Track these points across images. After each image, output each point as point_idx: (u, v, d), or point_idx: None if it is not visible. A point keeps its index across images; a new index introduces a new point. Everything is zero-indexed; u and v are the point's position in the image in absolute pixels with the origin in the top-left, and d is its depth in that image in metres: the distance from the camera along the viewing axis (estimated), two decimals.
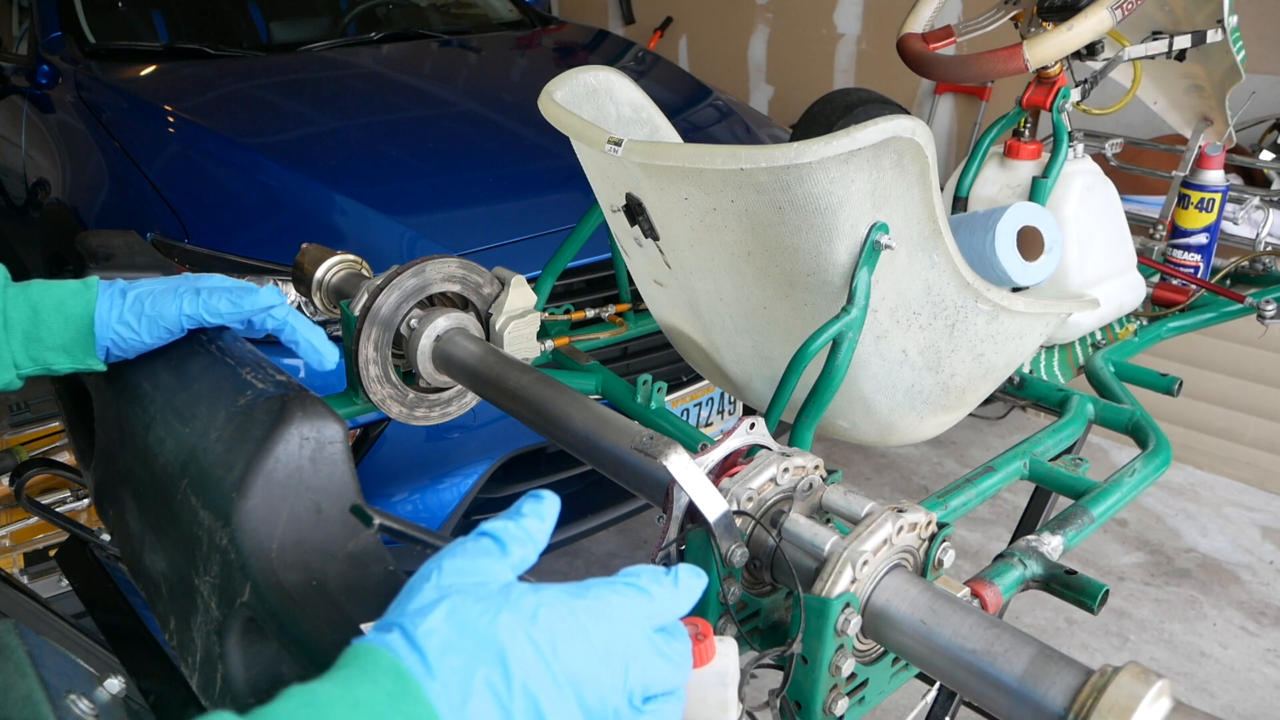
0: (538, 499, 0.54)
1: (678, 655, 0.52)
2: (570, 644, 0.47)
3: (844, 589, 0.64)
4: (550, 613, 0.48)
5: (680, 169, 0.87)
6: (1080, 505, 0.96)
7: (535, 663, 0.46)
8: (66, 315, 0.78)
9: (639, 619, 0.50)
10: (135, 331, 0.78)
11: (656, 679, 0.50)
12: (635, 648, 0.49)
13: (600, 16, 5.36)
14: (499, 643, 0.45)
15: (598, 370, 1.28)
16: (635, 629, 0.50)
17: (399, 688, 0.43)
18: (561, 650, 0.47)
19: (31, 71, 2.73)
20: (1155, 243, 1.68)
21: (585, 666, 0.47)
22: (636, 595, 0.51)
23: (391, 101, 2.68)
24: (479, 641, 0.45)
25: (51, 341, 0.78)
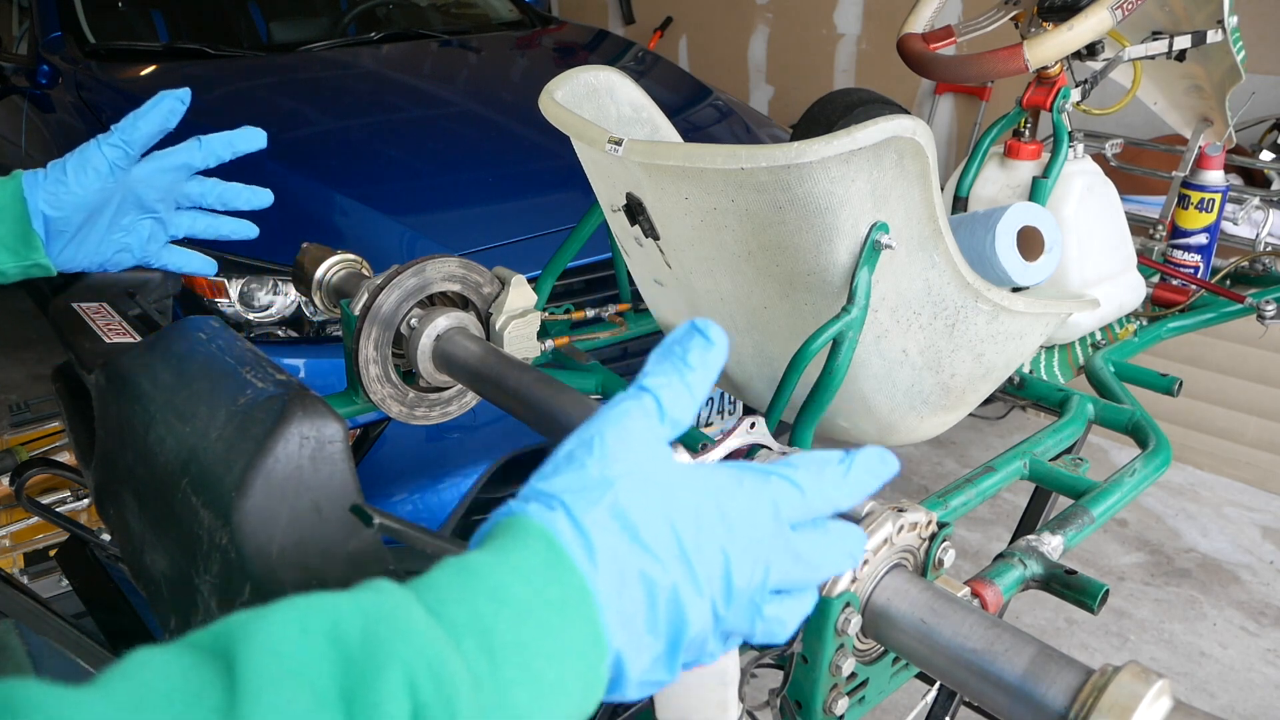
0: (707, 344, 0.50)
1: (817, 554, 0.50)
2: (733, 542, 0.46)
3: (844, 588, 0.64)
4: (717, 501, 0.46)
5: (680, 168, 0.87)
6: (1080, 505, 0.96)
7: (693, 554, 0.45)
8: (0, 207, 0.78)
9: (780, 518, 0.48)
10: (64, 184, 0.79)
11: (790, 578, 0.49)
12: (774, 548, 0.48)
13: (600, 16, 5.36)
14: (661, 531, 0.44)
15: (598, 370, 1.28)
16: (774, 527, 0.48)
17: (553, 556, 0.42)
18: (708, 557, 0.45)
19: (31, 71, 2.73)
20: (1155, 243, 1.68)
21: (742, 568, 0.46)
22: (804, 485, 0.49)
23: (391, 101, 2.69)
24: (641, 523, 0.44)
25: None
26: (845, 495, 0.51)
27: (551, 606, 0.41)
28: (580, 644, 0.41)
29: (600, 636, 0.42)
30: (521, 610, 0.40)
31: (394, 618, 0.36)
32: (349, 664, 0.35)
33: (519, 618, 0.40)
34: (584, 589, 0.42)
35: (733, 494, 0.47)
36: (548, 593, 0.41)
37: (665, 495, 0.46)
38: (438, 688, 0.35)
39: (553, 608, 0.41)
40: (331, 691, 0.34)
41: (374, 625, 0.36)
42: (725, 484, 0.48)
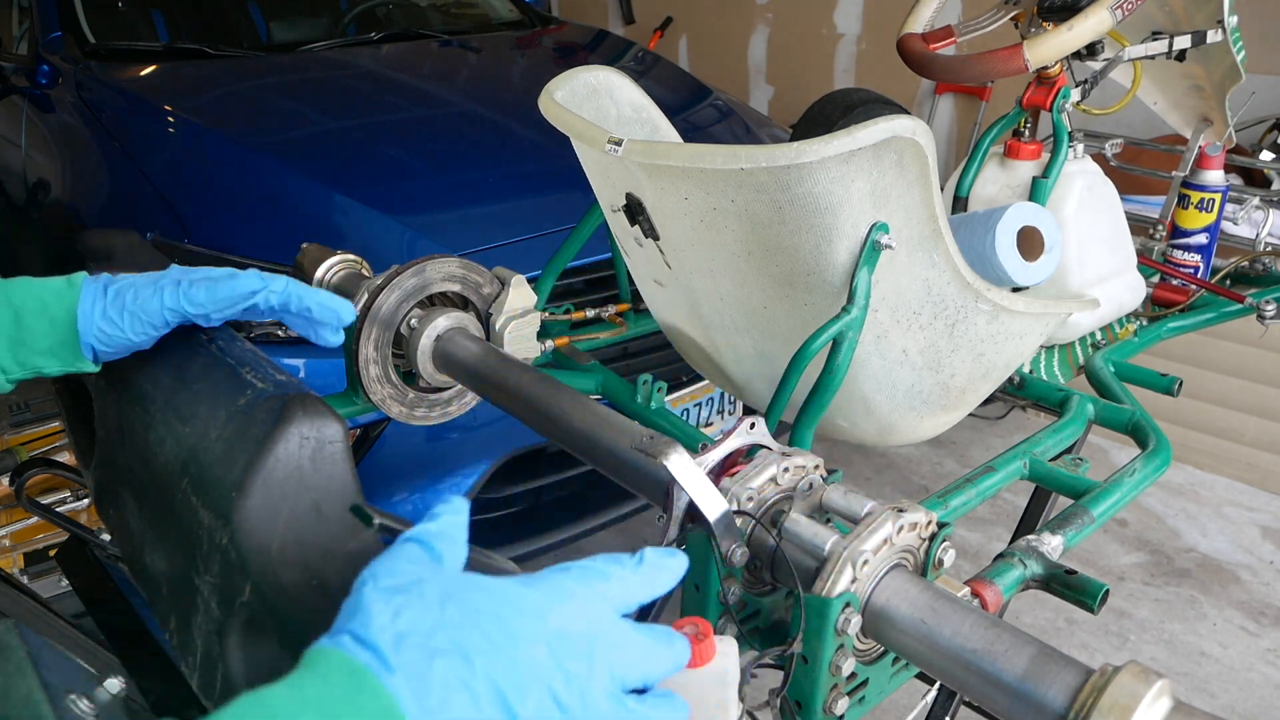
0: (446, 500, 0.53)
1: (651, 638, 0.50)
2: (526, 629, 0.46)
3: (844, 588, 0.64)
4: (499, 602, 0.46)
5: (680, 169, 0.87)
6: (1080, 505, 0.96)
7: (492, 650, 0.44)
8: (50, 318, 0.75)
9: (596, 602, 0.49)
10: (119, 328, 0.76)
11: (631, 663, 0.49)
12: (598, 630, 0.48)
13: (600, 16, 5.36)
14: (453, 633, 0.44)
15: (598, 370, 1.28)
16: (594, 611, 0.48)
17: (354, 682, 0.42)
18: (520, 637, 0.45)
19: (31, 71, 2.73)
20: (1155, 243, 1.68)
21: (546, 653, 0.46)
22: (593, 578, 0.50)
23: (391, 101, 2.68)
24: (431, 633, 0.44)
25: (37, 346, 0.75)
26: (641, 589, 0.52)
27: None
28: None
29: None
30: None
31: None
32: None
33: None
34: (391, 708, 0.42)
35: (537, 590, 0.48)
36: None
37: (456, 598, 0.47)
38: None
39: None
40: None
41: None
42: (525, 581, 0.49)
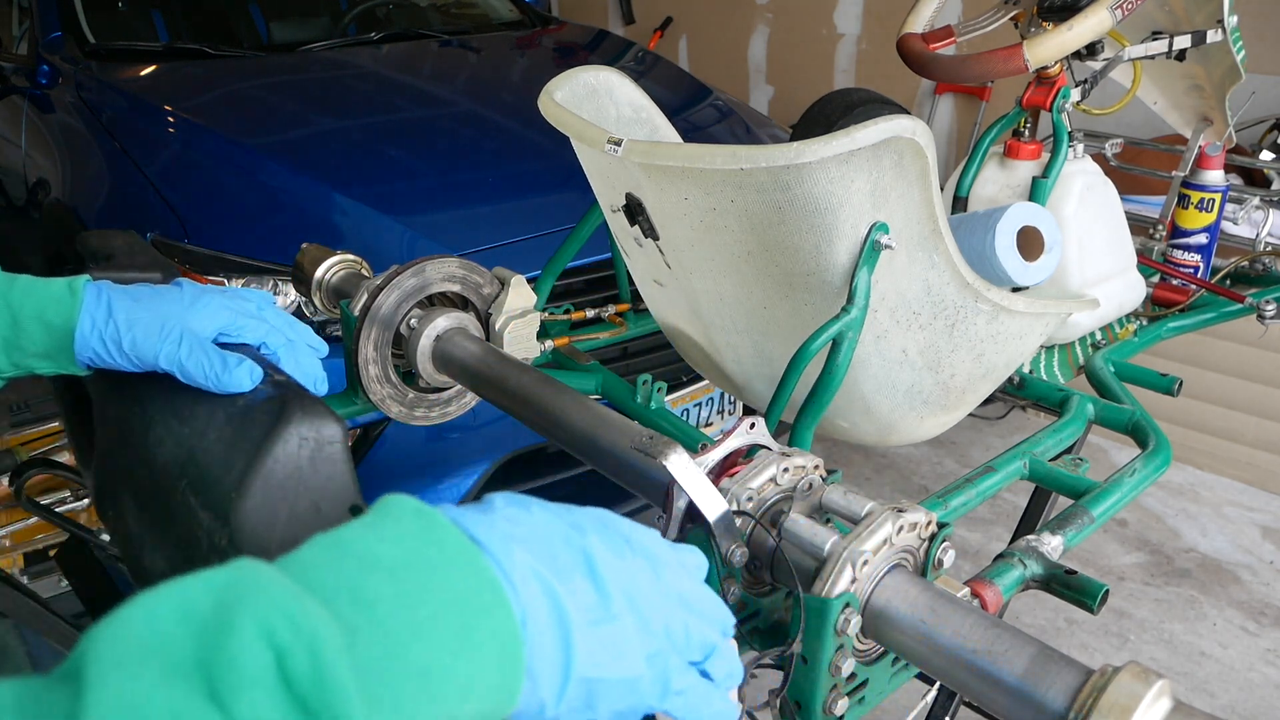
0: None
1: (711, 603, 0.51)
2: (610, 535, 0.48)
3: (844, 589, 0.64)
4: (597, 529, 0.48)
5: (680, 169, 0.87)
6: (1080, 505, 0.95)
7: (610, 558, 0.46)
8: (47, 324, 0.74)
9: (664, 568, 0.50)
10: (112, 358, 0.75)
11: (697, 626, 0.49)
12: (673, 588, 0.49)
13: (600, 16, 5.36)
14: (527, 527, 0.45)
15: (598, 370, 1.28)
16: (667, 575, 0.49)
17: (424, 521, 0.42)
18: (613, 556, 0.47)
19: (31, 71, 2.73)
20: (1155, 243, 1.68)
21: (647, 569, 0.48)
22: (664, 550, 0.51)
23: (391, 101, 2.69)
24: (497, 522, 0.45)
25: (31, 349, 0.75)
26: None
27: (431, 566, 0.40)
28: (473, 598, 0.40)
29: (497, 587, 0.41)
30: (395, 570, 0.39)
31: (245, 584, 0.35)
32: (202, 633, 0.33)
33: (394, 577, 0.39)
34: (466, 545, 0.42)
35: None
36: (425, 553, 0.40)
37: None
38: (297, 633, 0.34)
39: (433, 567, 0.40)
40: (187, 662, 0.33)
41: (225, 594, 0.35)
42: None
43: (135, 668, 0.32)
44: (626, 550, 0.48)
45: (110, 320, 0.74)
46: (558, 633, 0.42)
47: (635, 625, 0.45)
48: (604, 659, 0.44)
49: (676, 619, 0.48)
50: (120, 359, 0.75)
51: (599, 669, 0.43)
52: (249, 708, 0.32)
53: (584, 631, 0.43)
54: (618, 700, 0.45)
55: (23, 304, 0.74)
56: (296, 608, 0.35)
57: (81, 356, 0.75)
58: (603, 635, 0.44)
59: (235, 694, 0.32)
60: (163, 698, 0.31)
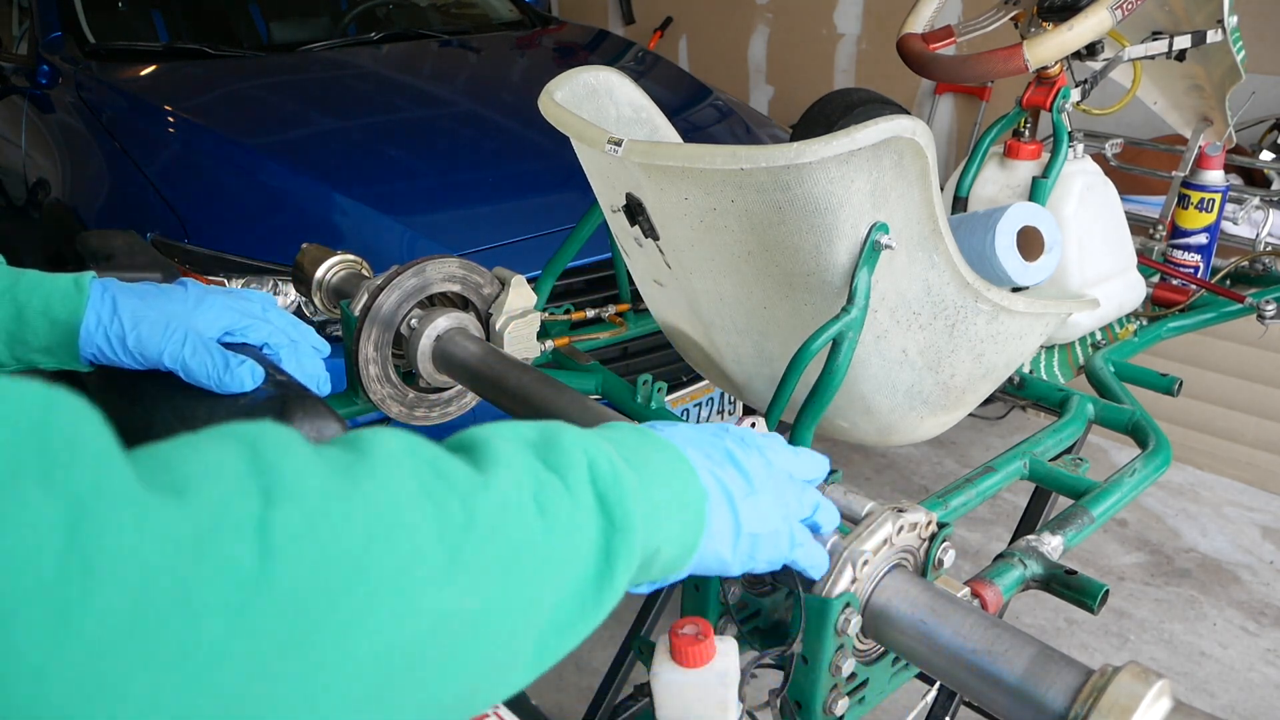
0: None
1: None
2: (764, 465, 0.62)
3: (844, 589, 0.64)
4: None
5: (680, 169, 0.87)
6: (1080, 505, 0.96)
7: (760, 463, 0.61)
8: (52, 319, 0.75)
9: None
10: (116, 356, 0.76)
11: (804, 492, 0.65)
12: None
13: (600, 16, 5.35)
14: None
15: (598, 370, 1.28)
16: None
17: (644, 432, 0.57)
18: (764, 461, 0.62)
19: (31, 71, 2.73)
20: (1155, 243, 1.68)
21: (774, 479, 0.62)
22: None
23: (391, 101, 2.69)
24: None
25: (36, 343, 0.75)
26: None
27: (656, 445, 0.56)
28: (680, 475, 0.55)
29: (692, 471, 0.56)
30: (638, 449, 0.54)
31: (556, 424, 0.51)
32: (539, 443, 0.48)
33: (638, 449, 0.54)
34: (669, 444, 0.57)
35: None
36: (650, 446, 0.55)
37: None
38: (600, 450, 0.49)
39: (657, 446, 0.56)
40: (534, 456, 0.47)
41: (544, 428, 0.50)
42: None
43: (511, 445, 0.47)
44: (749, 446, 0.62)
45: (115, 317, 0.75)
46: (727, 503, 0.57)
47: (771, 497, 0.60)
48: (757, 520, 0.59)
49: (791, 491, 0.62)
50: (124, 356, 0.75)
51: (755, 526, 0.58)
52: (575, 482, 0.47)
53: (742, 502, 0.58)
54: (768, 550, 0.60)
55: (28, 299, 0.75)
56: (598, 441, 0.50)
57: (85, 352, 0.76)
58: (752, 504, 0.59)
59: (566, 471, 0.47)
60: (530, 463, 0.46)
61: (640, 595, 1.72)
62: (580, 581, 0.46)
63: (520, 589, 0.43)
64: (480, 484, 0.43)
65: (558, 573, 0.45)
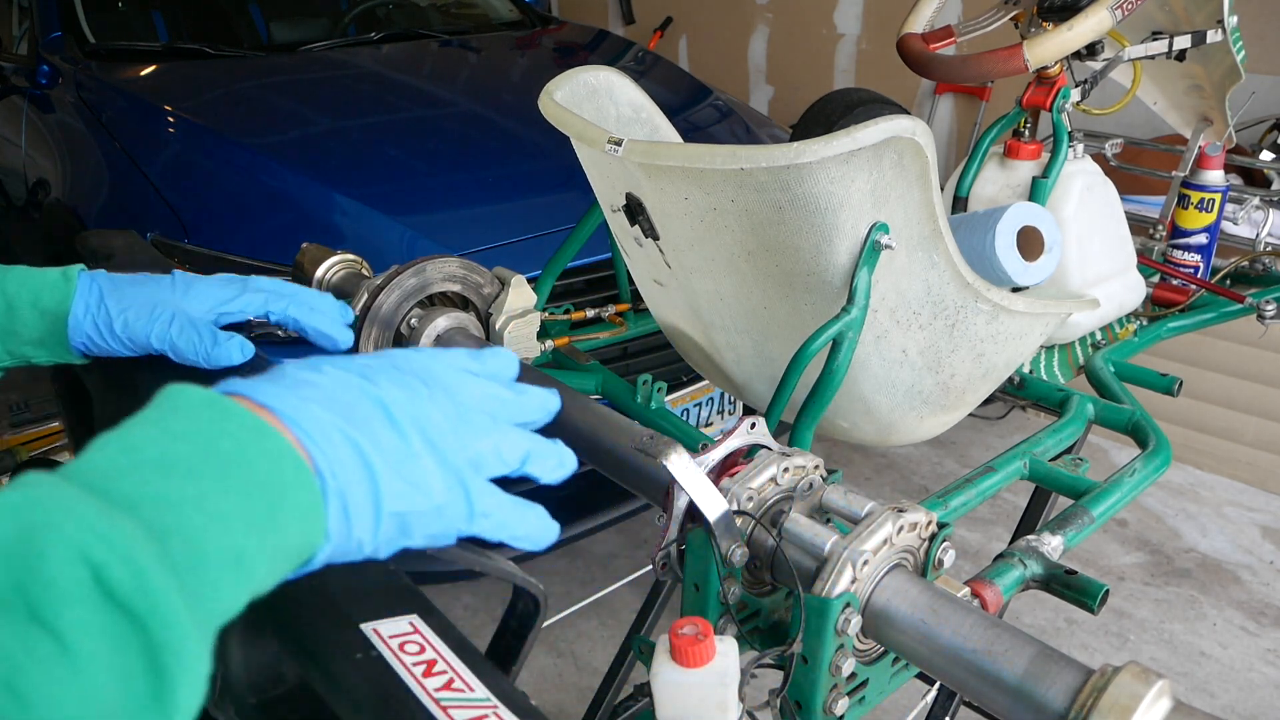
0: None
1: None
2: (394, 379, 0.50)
3: (844, 589, 0.64)
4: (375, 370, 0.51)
5: (680, 169, 0.87)
6: (1080, 505, 0.96)
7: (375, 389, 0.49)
8: (41, 310, 0.75)
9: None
10: (107, 344, 0.76)
11: (506, 440, 0.52)
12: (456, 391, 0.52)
13: (600, 16, 5.35)
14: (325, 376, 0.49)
15: (598, 370, 1.28)
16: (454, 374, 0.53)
17: (217, 411, 0.44)
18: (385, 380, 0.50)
19: (31, 71, 2.73)
20: (1155, 243, 1.68)
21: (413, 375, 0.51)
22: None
23: (392, 101, 2.68)
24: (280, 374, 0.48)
25: (27, 336, 0.76)
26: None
27: (228, 458, 0.42)
28: (273, 478, 0.43)
29: (295, 459, 0.44)
30: (194, 468, 0.40)
31: (43, 503, 0.36)
32: (10, 561, 0.34)
33: (194, 475, 0.40)
34: (259, 428, 0.43)
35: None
36: (220, 446, 0.42)
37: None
38: (110, 546, 0.35)
39: (230, 459, 0.42)
40: (3, 591, 0.33)
41: (25, 517, 0.35)
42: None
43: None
44: (421, 388, 0.50)
45: (102, 305, 0.76)
46: (365, 478, 0.46)
47: (434, 460, 0.49)
48: (409, 494, 0.47)
49: (483, 443, 0.51)
50: (113, 342, 0.76)
51: (406, 503, 0.47)
52: (75, 624, 0.33)
53: (388, 473, 0.47)
54: (427, 527, 0.49)
55: (18, 292, 0.75)
56: (104, 522, 0.35)
57: (75, 341, 0.76)
58: (405, 474, 0.47)
59: (59, 613, 0.33)
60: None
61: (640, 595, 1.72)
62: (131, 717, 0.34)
63: None
64: None
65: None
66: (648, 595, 1.63)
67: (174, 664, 0.35)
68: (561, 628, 2.28)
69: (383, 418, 0.48)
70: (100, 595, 0.34)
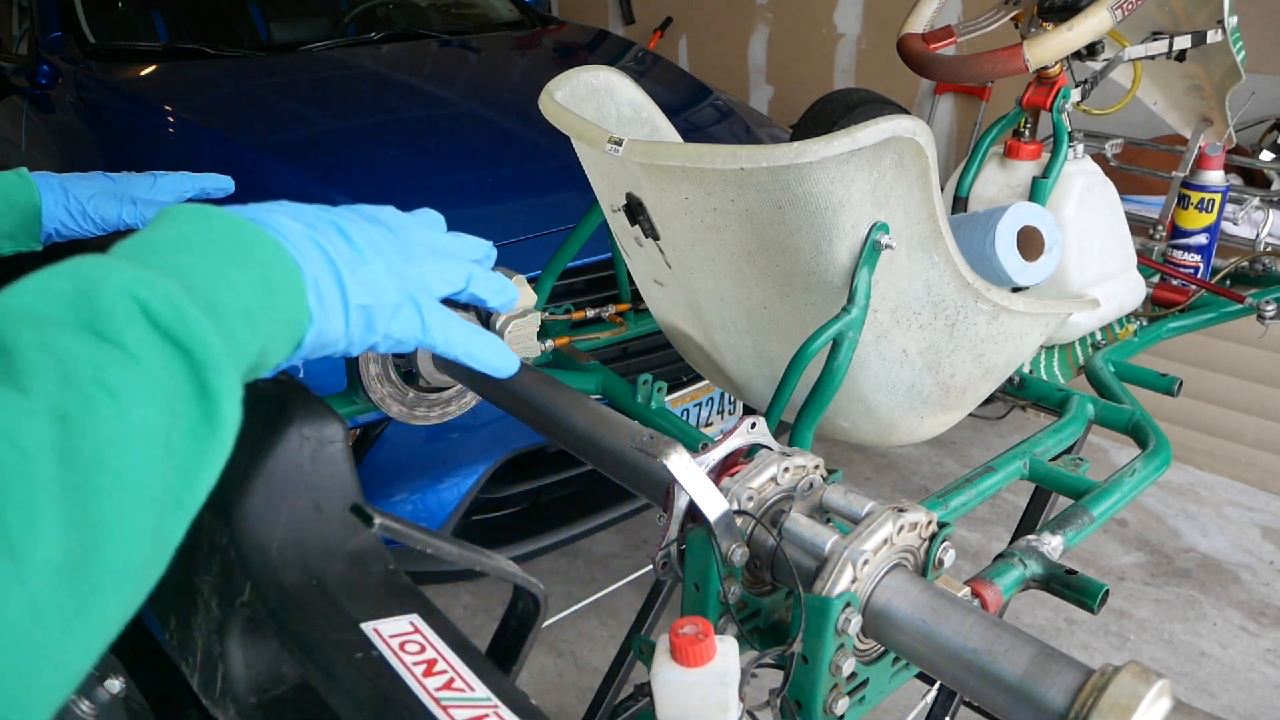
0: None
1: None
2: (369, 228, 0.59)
3: (844, 588, 0.64)
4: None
5: (680, 169, 0.87)
6: (1080, 505, 0.95)
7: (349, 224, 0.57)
8: (11, 205, 0.86)
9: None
10: (80, 226, 0.89)
11: (447, 266, 0.61)
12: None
13: (600, 16, 5.35)
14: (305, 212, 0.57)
15: (598, 370, 1.28)
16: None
17: (207, 215, 0.51)
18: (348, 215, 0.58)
19: (31, 71, 2.73)
20: (1155, 243, 1.68)
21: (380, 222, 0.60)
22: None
23: (392, 102, 2.68)
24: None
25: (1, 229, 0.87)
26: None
27: (226, 241, 0.50)
28: (264, 257, 0.51)
29: (279, 246, 0.52)
30: (204, 248, 0.49)
31: (93, 263, 0.42)
32: (75, 303, 0.40)
33: (204, 252, 0.48)
34: (246, 224, 0.51)
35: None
36: (219, 235, 0.50)
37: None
38: (150, 287, 0.42)
39: (229, 227, 0.50)
40: (74, 323, 0.40)
41: (81, 273, 0.41)
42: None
43: (43, 333, 0.38)
44: (365, 222, 0.58)
45: (71, 195, 0.90)
46: (330, 272, 0.54)
47: (385, 267, 0.57)
48: (369, 291, 0.56)
49: (426, 266, 0.59)
50: (86, 224, 0.90)
51: (368, 297, 0.55)
52: (136, 339, 0.40)
53: (349, 272, 0.55)
54: (388, 325, 0.57)
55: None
56: (145, 274, 0.43)
57: (47, 228, 0.89)
58: (362, 275, 0.55)
59: (121, 330, 0.40)
60: (71, 345, 0.38)
61: (640, 595, 1.72)
62: (187, 435, 0.41)
63: (131, 478, 0.38)
64: (23, 410, 0.36)
65: (156, 443, 0.39)
66: (648, 595, 1.63)
67: (217, 382, 0.42)
68: (561, 628, 2.28)
69: (338, 233, 0.56)
70: (148, 322, 0.41)
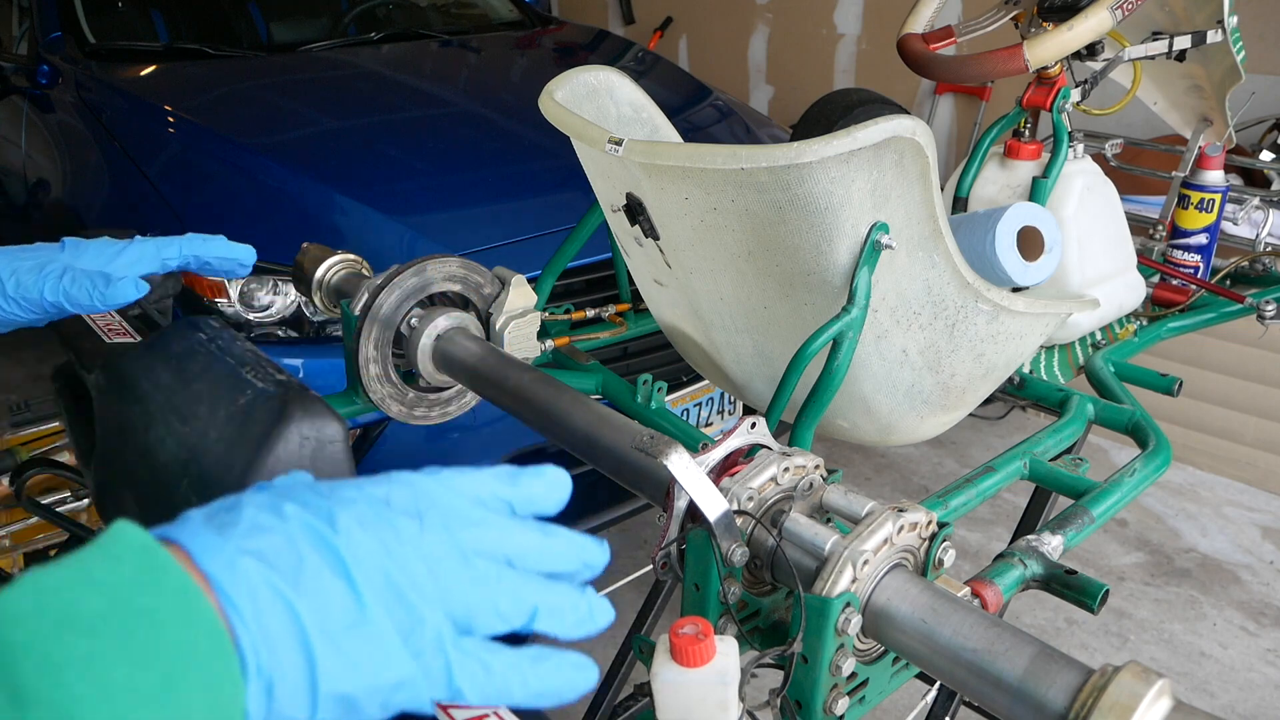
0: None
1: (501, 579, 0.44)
2: (366, 535, 0.42)
3: (844, 588, 0.64)
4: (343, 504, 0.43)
5: (680, 168, 0.87)
6: (1080, 505, 0.95)
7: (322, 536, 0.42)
8: None
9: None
10: (6, 309, 0.80)
11: (510, 590, 0.44)
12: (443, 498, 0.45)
13: (600, 16, 5.36)
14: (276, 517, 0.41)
15: (598, 370, 1.28)
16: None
17: (148, 560, 0.38)
18: (353, 533, 0.42)
19: (31, 71, 2.73)
20: (1155, 243, 1.68)
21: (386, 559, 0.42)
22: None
23: (392, 101, 2.68)
24: (231, 507, 0.42)
25: None
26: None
27: (139, 617, 0.37)
28: (184, 647, 0.37)
29: (215, 629, 0.38)
30: (96, 626, 0.36)
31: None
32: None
33: (92, 633, 0.36)
34: (184, 585, 0.38)
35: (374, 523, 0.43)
36: (135, 602, 0.37)
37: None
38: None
39: (140, 618, 0.37)
40: None
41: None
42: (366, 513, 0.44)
43: None
44: (411, 527, 0.43)
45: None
46: (299, 653, 0.39)
47: (396, 627, 0.41)
48: (355, 672, 0.40)
49: (478, 594, 0.43)
50: (9, 305, 0.80)
51: (350, 682, 0.40)
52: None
53: (329, 648, 0.39)
54: (386, 704, 0.41)
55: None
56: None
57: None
58: (353, 647, 0.40)
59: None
60: None
61: (640, 595, 1.73)
62: None
63: None
64: None
65: None
66: (648, 595, 1.63)
67: None
68: None
69: (336, 576, 0.41)
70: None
